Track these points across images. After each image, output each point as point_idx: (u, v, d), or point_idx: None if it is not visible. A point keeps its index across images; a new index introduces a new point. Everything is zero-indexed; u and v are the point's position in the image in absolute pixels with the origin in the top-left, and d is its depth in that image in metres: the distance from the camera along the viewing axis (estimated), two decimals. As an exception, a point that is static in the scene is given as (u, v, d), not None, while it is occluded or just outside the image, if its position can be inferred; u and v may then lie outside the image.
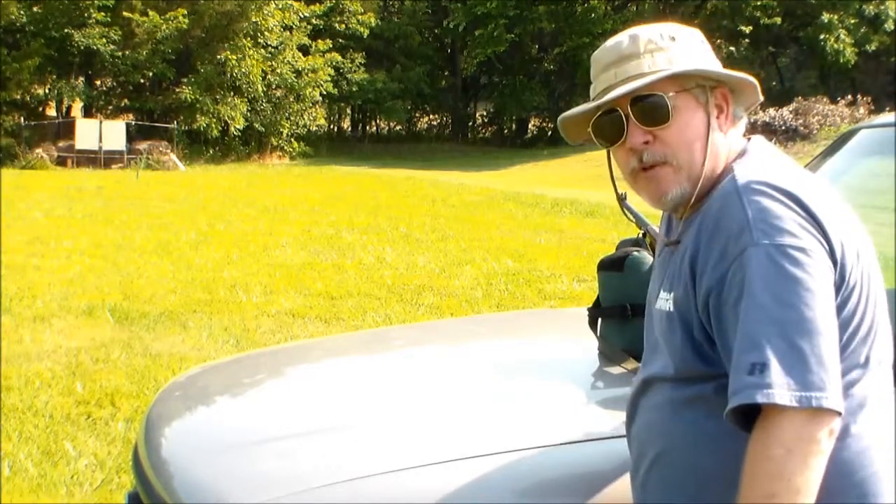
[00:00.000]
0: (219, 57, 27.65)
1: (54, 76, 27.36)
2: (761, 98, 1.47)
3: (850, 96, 25.29)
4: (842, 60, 31.17)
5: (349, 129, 40.13)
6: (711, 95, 1.41)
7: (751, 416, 1.21)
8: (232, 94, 27.83)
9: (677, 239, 1.42)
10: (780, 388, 1.17)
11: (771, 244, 1.24)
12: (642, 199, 1.45)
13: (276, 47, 29.17)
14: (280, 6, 28.90)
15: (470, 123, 39.55)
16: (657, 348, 1.44)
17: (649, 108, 1.37)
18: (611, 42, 1.44)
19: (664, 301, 1.41)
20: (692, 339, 1.35)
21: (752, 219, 1.26)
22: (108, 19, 26.18)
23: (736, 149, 1.43)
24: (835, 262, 1.27)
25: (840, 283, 1.28)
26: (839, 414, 1.20)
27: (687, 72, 1.38)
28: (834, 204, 1.34)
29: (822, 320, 1.21)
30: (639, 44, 1.40)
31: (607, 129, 1.42)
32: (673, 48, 1.40)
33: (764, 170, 1.35)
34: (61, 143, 24.86)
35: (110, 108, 28.69)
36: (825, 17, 31.14)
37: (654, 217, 1.97)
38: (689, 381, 1.36)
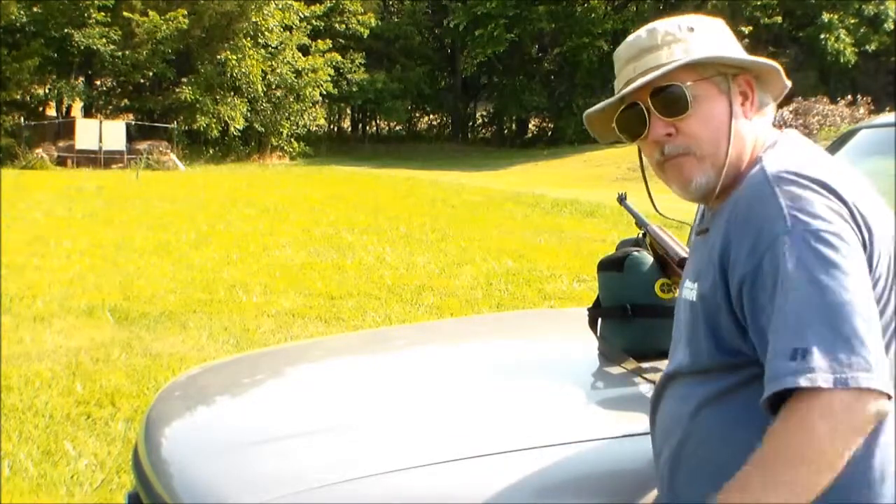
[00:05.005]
0: (219, 57, 27.69)
1: (54, 76, 27.40)
2: (788, 84, 1.46)
3: (850, 96, 25.30)
4: (842, 60, 31.20)
5: (349, 129, 40.17)
6: (734, 83, 1.40)
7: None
8: (232, 94, 27.87)
9: (706, 227, 1.42)
10: (824, 373, 1.15)
11: (805, 230, 1.22)
12: (672, 191, 1.44)
13: (276, 47, 29.20)
14: (280, 6, 28.94)
15: (470, 123, 39.58)
16: (682, 340, 1.44)
17: (668, 98, 1.37)
18: (631, 37, 1.45)
19: (689, 290, 1.41)
20: (715, 330, 1.34)
21: (784, 206, 1.25)
22: (108, 19, 26.24)
23: (765, 138, 1.42)
24: (864, 251, 1.26)
25: (868, 272, 1.26)
26: (888, 396, 1.17)
27: (703, 59, 1.37)
28: (865, 193, 1.33)
29: (861, 302, 1.19)
30: (656, 36, 1.40)
31: (630, 123, 1.42)
32: (691, 38, 1.39)
33: (794, 159, 1.33)
34: (61, 143, 24.88)
35: (110, 108, 28.74)
36: (825, 16, 31.17)
37: (654, 217, 1.97)
38: (713, 374, 1.36)
